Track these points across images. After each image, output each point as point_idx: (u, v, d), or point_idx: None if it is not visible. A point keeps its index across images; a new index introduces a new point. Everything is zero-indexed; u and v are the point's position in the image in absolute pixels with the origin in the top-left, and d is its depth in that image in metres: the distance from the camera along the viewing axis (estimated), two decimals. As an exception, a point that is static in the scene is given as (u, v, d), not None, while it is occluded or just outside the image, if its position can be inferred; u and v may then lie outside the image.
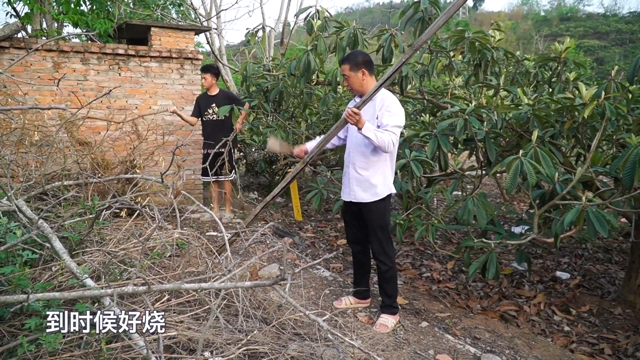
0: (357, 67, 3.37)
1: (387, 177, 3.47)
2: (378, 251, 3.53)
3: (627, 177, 3.09)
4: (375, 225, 3.48)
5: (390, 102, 3.32)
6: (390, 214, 3.63)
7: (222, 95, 6.12)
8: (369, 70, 3.40)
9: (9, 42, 5.88)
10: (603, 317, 4.15)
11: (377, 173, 3.43)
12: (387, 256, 3.50)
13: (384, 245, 3.49)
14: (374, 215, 3.47)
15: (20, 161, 5.23)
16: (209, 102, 6.08)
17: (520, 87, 5.07)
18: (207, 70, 6.11)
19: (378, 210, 3.46)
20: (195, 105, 6.26)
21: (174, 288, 2.35)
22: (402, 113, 3.34)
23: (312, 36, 4.89)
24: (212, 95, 6.10)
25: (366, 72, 3.38)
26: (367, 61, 3.40)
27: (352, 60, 3.39)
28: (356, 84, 3.42)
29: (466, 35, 4.28)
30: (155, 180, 3.80)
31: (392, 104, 3.31)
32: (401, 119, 3.31)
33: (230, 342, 2.71)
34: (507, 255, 5.56)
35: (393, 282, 3.57)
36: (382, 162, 3.43)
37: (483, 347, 3.41)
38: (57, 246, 2.82)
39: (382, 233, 3.49)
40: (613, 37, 49.70)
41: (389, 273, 3.52)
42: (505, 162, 3.43)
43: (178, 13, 13.61)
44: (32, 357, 2.21)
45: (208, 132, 6.12)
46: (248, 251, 4.86)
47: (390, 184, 3.50)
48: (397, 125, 3.27)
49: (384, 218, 3.49)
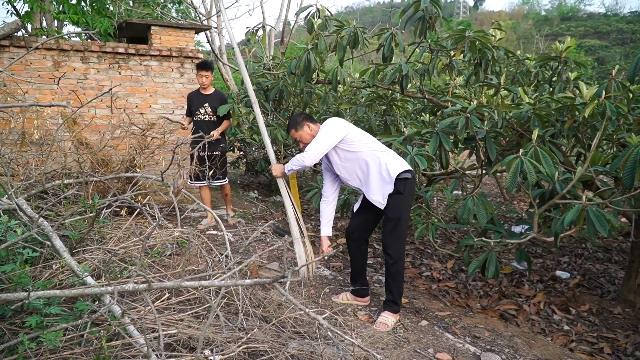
0: (300, 126, 3.66)
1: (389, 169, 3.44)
2: (385, 243, 3.52)
3: (627, 177, 3.09)
4: (390, 216, 3.47)
5: (322, 127, 3.60)
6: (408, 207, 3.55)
7: (217, 95, 5.77)
8: (311, 121, 3.69)
9: (9, 41, 5.88)
10: (603, 317, 4.15)
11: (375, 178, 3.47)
12: (393, 250, 3.48)
13: (391, 238, 3.48)
14: (390, 208, 3.47)
15: (21, 160, 5.24)
16: (202, 101, 5.68)
17: (521, 87, 5.07)
18: (209, 68, 5.71)
19: (395, 204, 3.45)
20: (187, 103, 5.86)
21: (175, 286, 2.35)
22: (327, 131, 3.54)
23: (312, 35, 4.89)
24: (207, 94, 5.72)
25: (310, 124, 3.66)
26: (305, 117, 3.70)
27: (292, 125, 3.70)
28: (308, 138, 3.66)
29: (467, 35, 4.28)
30: (156, 179, 3.80)
31: (321, 128, 3.60)
32: (322, 136, 3.53)
33: (231, 340, 2.71)
34: (507, 254, 5.56)
35: (397, 278, 3.53)
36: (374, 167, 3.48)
37: (483, 345, 3.41)
38: (58, 244, 2.82)
39: (393, 225, 3.46)
40: (614, 37, 49.71)
41: (393, 268, 3.50)
42: (505, 161, 3.43)
43: (178, 12, 13.60)
44: (33, 355, 2.21)
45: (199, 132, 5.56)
46: (248, 249, 4.87)
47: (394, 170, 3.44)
48: (315, 143, 3.52)
49: (399, 211, 3.45)
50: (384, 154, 3.51)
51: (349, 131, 3.51)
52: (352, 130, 3.54)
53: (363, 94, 6.30)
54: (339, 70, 4.90)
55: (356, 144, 3.52)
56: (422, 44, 4.56)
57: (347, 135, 3.50)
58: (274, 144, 7.30)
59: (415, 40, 4.55)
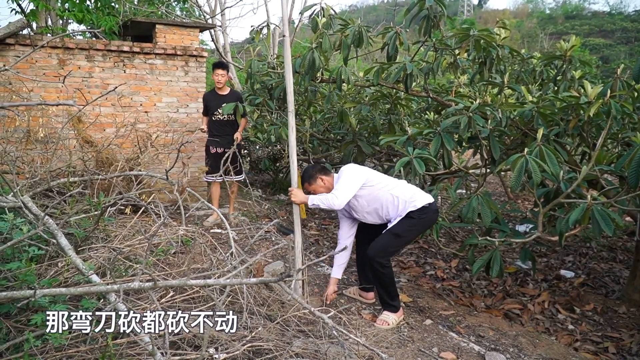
0: (313, 179, 3.62)
1: (414, 204, 3.48)
2: (372, 254, 3.47)
3: (632, 176, 3.08)
4: (390, 230, 3.50)
5: (343, 173, 3.54)
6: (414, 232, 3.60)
7: (233, 95, 5.87)
8: (324, 174, 3.66)
9: (14, 39, 5.90)
10: (607, 316, 4.14)
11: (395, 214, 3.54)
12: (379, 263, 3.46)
13: (380, 250, 3.47)
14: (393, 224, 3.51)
15: (26, 158, 5.26)
16: (219, 102, 5.78)
17: (525, 85, 5.05)
18: (224, 67, 5.83)
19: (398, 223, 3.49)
20: (204, 104, 5.98)
21: (180, 284, 2.36)
22: (346, 172, 3.52)
23: (316, 34, 4.88)
24: (223, 95, 5.82)
25: (323, 177, 3.64)
26: (318, 169, 3.68)
27: (306, 179, 3.67)
28: (322, 191, 3.63)
29: (471, 33, 4.27)
30: (160, 177, 3.81)
31: (342, 174, 3.54)
32: (348, 180, 3.47)
33: (235, 338, 2.72)
34: (512, 253, 5.55)
35: (387, 282, 3.54)
36: (392, 209, 3.53)
37: (487, 345, 3.41)
38: (63, 242, 2.83)
39: (389, 239, 3.48)
40: (618, 36, 49.45)
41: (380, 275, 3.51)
42: (510, 160, 3.42)
43: (182, 10, 13.62)
44: (39, 353, 2.22)
45: (217, 131, 5.83)
46: (253, 248, 4.87)
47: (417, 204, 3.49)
48: (342, 184, 3.45)
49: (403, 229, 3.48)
50: (404, 191, 3.54)
51: (368, 174, 3.55)
52: (371, 174, 3.58)
53: (367, 93, 6.29)
54: (343, 69, 4.90)
55: (376, 186, 3.53)
56: (427, 43, 4.56)
57: (367, 179, 3.52)
58: (278, 143, 7.30)
59: (420, 39, 4.54)
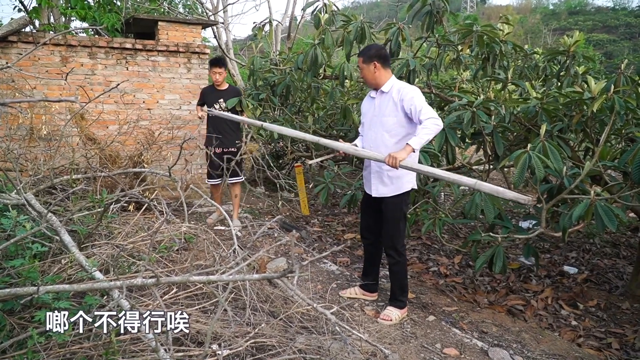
0: (369, 59, 3.39)
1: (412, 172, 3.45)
2: (387, 244, 3.58)
3: (635, 171, 3.07)
4: (389, 217, 3.51)
5: (405, 90, 3.32)
6: (407, 207, 3.65)
7: (231, 90, 5.69)
8: (382, 63, 3.39)
9: (17, 37, 5.91)
10: (610, 312, 4.13)
11: (399, 176, 3.46)
12: (395, 250, 3.54)
13: (394, 239, 3.52)
14: (390, 207, 3.51)
15: (29, 155, 5.27)
16: (216, 97, 5.57)
17: (529, 81, 5.04)
18: (222, 64, 5.60)
19: (395, 203, 3.49)
20: (200, 97, 5.75)
21: (183, 281, 2.36)
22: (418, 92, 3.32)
23: (319, 30, 4.88)
24: (221, 90, 5.61)
25: (378, 65, 3.38)
26: (380, 55, 3.40)
27: (365, 53, 3.43)
28: (369, 77, 3.44)
29: (474, 29, 4.26)
30: (163, 174, 3.81)
31: (408, 91, 3.30)
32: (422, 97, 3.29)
33: (238, 334, 2.72)
34: (515, 249, 5.54)
35: (401, 276, 3.59)
36: None
37: (490, 341, 3.41)
38: (66, 239, 2.84)
39: (394, 226, 3.51)
40: (622, 31, 49.25)
41: (396, 267, 3.57)
42: (513, 156, 3.42)
43: (185, 7, 13.60)
44: (42, 349, 2.23)
45: (214, 128, 5.56)
46: (255, 245, 4.88)
47: (413, 177, 3.53)
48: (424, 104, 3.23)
49: (400, 210, 3.51)
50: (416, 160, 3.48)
51: None
52: None
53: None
54: (345, 66, 4.90)
55: None
56: (430, 39, 4.54)
57: None
58: (280, 139, 7.28)
59: (423, 35, 4.53)
